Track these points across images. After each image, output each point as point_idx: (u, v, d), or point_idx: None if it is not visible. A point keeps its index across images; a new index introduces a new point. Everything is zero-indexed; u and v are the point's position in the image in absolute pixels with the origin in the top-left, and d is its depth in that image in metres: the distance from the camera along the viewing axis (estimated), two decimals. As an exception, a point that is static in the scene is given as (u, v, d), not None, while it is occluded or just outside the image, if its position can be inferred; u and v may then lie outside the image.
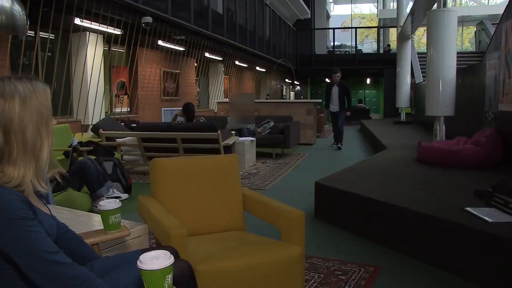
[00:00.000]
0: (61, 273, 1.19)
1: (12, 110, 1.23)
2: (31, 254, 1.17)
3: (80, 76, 7.68)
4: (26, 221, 1.19)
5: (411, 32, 13.65)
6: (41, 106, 1.28)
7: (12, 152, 1.24)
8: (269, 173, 6.78)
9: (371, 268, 2.96)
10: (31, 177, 1.26)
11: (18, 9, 2.78)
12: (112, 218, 1.81)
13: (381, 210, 3.51)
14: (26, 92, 1.26)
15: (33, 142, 1.26)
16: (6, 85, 1.25)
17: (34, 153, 1.27)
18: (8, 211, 1.17)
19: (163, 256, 1.23)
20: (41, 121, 1.28)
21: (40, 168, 1.29)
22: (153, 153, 6.10)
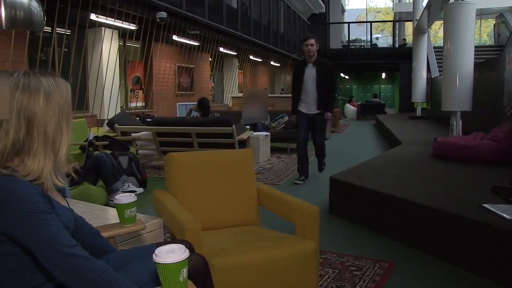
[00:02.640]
0: (78, 266, 1.21)
1: (36, 104, 1.26)
2: (48, 247, 1.19)
3: (96, 71, 7.74)
4: (44, 215, 1.21)
5: (427, 26, 13.48)
6: (63, 102, 1.31)
7: (33, 145, 1.26)
8: (283, 168, 6.77)
9: (386, 264, 2.94)
10: (49, 171, 1.28)
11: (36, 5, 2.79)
12: (128, 212, 1.82)
13: (396, 206, 3.48)
14: (50, 88, 1.28)
15: (53, 136, 1.28)
16: (32, 80, 1.27)
17: (54, 148, 1.29)
18: (26, 205, 1.19)
19: (178, 250, 1.24)
20: (62, 116, 1.30)
21: (58, 163, 1.31)
22: (168, 147, 6.13)
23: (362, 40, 27.37)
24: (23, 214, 1.18)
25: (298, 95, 5.43)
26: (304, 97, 5.39)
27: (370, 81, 26.63)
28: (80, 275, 1.21)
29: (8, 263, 1.23)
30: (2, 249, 1.21)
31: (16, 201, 1.18)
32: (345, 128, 14.51)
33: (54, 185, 1.35)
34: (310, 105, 5.38)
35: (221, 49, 12.13)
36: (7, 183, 1.21)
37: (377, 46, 24.49)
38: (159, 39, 9.06)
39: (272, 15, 14.99)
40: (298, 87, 5.42)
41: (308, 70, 5.37)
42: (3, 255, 1.22)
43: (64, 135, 1.31)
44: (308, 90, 5.35)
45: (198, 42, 10.66)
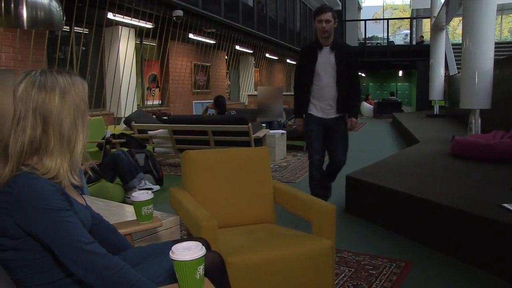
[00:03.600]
0: (95, 262, 1.22)
1: (52, 103, 1.27)
2: (66, 244, 1.20)
3: (113, 69, 7.81)
4: (62, 212, 1.22)
5: (445, 22, 13.31)
6: (79, 100, 1.32)
7: (49, 143, 1.27)
8: (299, 166, 6.76)
9: (402, 264, 2.92)
10: (66, 170, 1.29)
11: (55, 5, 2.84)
12: (145, 209, 1.83)
13: (413, 205, 3.45)
14: (66, 86, 1.29)
15: (69, 135, 1.29)
16: (48, 78, 1.28)
17: (69, 146, 1.30)
18: (45, 202, 1.20)
19: (195, 247, 1.25)
20: (77, 114, 1.31)
21: (74, 161, 1.32)
22: (184, 145, 6.16)
23: (378, 37, 27.15)
24: (42, 211, 1.20)
25: (307, 92, 3.90)
26: (317, 94, 3.88)
27: (387, 79, 26.40)
28: (97, 271, 1.22)
29: (27, 258, 1.25)
30: (21, 245, 1.23)
31: (35, 198, 1.20)
32: (361, 127, 14.41)
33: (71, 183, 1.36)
34: (326, 106, 3.88)
35: (237, 47, 12.14)
36: (27, 180, 1.22)
37: (394, 44, 24.27)
38: (175, 38, 9.11)
39: (288, 12, 14.95)
40: (307, 79, 3.85)
41: (323, 56, 3.81)
42: (23, 250, 1.24)
43: (80, 133, 1.32)
44: (323, 85, 3.83)
45: (214, 40, 10.68)
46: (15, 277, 1.28)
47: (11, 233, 1.22)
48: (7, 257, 1.25)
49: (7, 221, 1.21)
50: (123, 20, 7.50)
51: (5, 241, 1.23)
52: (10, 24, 2.86)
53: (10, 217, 1.20)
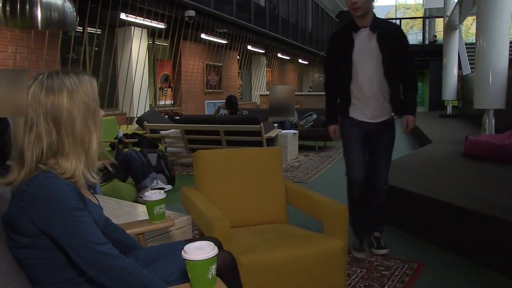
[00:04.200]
0: (108, 263, 1.23)
1: (61, 104, 1.27)
2: (79, 244, 1.21)
3: (126, 69, 7.85)
4: (77, 212, 1.23)
5: (459, 22, 13.19)
6: (87, 98, 1.32)
7: (64, 145, 1.28)
8: (311, 166, 6.74)
9: (415, 265, 2.90)
10: (82, 169, 1.31)
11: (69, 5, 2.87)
12: (157, 208, 1.84)
13: (426, 205, 3.42)
14: (73, 86, 1.29)
15: (81, 134, 1.30)
16: (54, 80, 1.29)
17: (83, 145, 1.31)
18: (61, 201, 1.22)
19: (207, 247, 1.25)
20: (88, 113, 1.31)
21: (90, 160, 1.33)
22: (196, 145, 6.17)
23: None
24: (57, 210, 1.21)
25: (343, 90, 2.96)
26: (357, 92, 2.92)
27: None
28: (109, 272, 1.23)
29: (42, 256, 1.26)
30: (36, 243, 1.24)
31: (51, 197, 1.22)
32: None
33: (86, 182, 1.37)
34: (370, 106, 2.92)
35: (249, 47, 12.15)
36: (44, 179, 1.24)
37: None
38: (187, 38, 9.14)
39: (300, 12, 14.93)
40: (344, 73, 2.91)
41: (360, 41, 2.87)
42: (38, 248, 1.25)
43: (93, 131, 1.32)
44: (364, 79, 2.88)
45: (226, 40, 10.70)
46: (31, 274, 1.29)
47: (26, 231, 1.23)
48: (23, 254, 1.27)
49: (23, 219, 1.22)
50: (136, 20, 7.55)
51: (21, 239, 1.25)
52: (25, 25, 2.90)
53: (26, 215, 1.22)
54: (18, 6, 2.77)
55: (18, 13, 2.78)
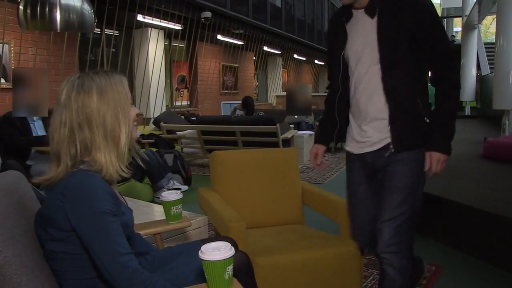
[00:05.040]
0: (125, 276, 1.24)
1: (91, 102, 1.32)
2: (103, 249, 1.23)
3: (142, 70, 7.92)
4: (109, 216, 1.25)
5: (477, 21, 13.02)
6: (117, 95, 1.36)
7: (95, 140, 1.32)
8: (327, 167, 6.72)
9: (433, 267, 2.87)
10: (114, 162, 1.34)
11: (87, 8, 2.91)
12: (174, 209, 1.85)
13: (443, 207, 3.39)
14: (103, 84, 1.34)
15: (112, 129, 1.34)
16: (85, 80, 1.34)
17: (114, 140, 1.34)
18: (96, 202, 1.24)
19: (224, 247, 1.25)
20: (118, 109, 1.35)
21: (120, 154, 1.36)
22: (212, 146, 6.19)
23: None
24: (91, 210, 1.23)
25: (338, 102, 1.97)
26: (353, 106, 1.92)
27: (417, 79, 25.93)
28: (126, 284, 1.24)
29: (75, 252, 1.29)
30: (71, 239, 1.27)
31: (88, 196, 1.24)
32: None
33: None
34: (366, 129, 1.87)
35: (265, 48, 12.15)
36: (83, 178, 1.27)
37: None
38: (203, 39, 9.18)
39: (316, 13, 14.89)
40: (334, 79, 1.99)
41: (354, 31, 1.85)
42: (72, 244, 1.27)
43: (122, 126, 1.35)
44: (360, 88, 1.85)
45: (242, 41, 10.72)
46: (59, 268, 1.31)
47: (61, 225, 1.26)
48: (55, 247, 1.29)
49: (59, 213, 1.25)
50: (153, 22, 7.60)
51: (55, 233, 1.27)
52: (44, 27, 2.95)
53: (63, 210, 1.24)
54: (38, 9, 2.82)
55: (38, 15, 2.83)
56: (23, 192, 1.43)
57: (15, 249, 1.22)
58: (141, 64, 7.98)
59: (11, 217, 1.27)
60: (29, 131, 3.95)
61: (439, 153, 1.74)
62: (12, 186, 1.40)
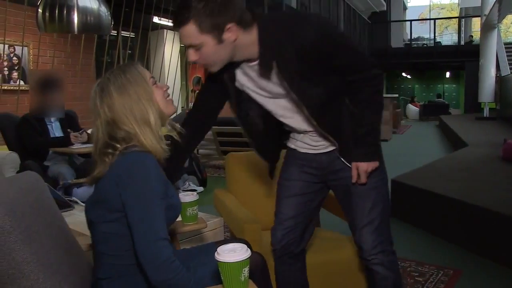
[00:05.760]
0: (159, 261, 1.26)
1: (114, 101, 1.39)
2: (143, 228, 1.27)
3: (158, 72, 7.96)
4: (157, 199, 1.31)
5: (497, 20, 12.85)
6: (135, 85, 1.42)
7: (132, 129, 1.39)
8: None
9: (451, 272, 2.83)
10: (154, 143, 1.41)
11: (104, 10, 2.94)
12: (190, 210, 1.86)
13: (462, 210, 3.34)
14: (118, 81, 1.41)
15: (141, 114, 1.41)
16: (103, 84, 1.42)
17: (146, 122, 1.41)
18: (149, 181, 1.31)
19: (240, 249, 1.25)
20: (139, 96, 1.41)
21: (156, 132, 1.43)
22: (228, 147, 6.20)
23: (425, 38, 26.50)
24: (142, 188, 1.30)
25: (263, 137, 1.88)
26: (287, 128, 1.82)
27: (433, 80, 25.72)
28: (158, 270, 1.26)
29: (124, 233, 1.33)
30: (122, 220, 1.32)
31: (142, 174, 1.31)
32: (406, 129, 14.11)
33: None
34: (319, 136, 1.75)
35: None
36: (138, 156, 1.35)
37: (441, 44, 23.63)
38: (219, 40, 9.20)
39: (332, 14, 14.83)
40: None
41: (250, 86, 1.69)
42: (123, 225, 1.32)
43: (149, 108, 1.42)
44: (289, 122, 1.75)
45: (257, 43, 10.73)
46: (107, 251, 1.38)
47: (114, 206, 1.32)
48: (107, 229, 1.36)
49: (113, 193, 1.31)
50: (168, 23, 7.64)
51: (108, 214, 1.34)
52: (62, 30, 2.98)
53: (117, 188, 1.30)
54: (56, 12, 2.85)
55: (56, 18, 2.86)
56: (40, 192, 1.45)
57: (33, 247, 1.24)
58: (157, 65, 8.01)
59: (28, 216, 1.29)
60: (47, 133, 3.99)
61: (365, 162, 1.65)
62: (29, 186, 1.42)
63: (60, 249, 1.37)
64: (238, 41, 1.48)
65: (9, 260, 1.19)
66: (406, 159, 7.57)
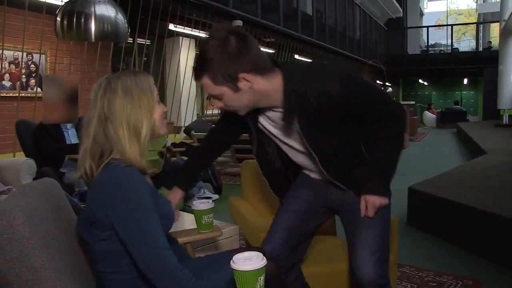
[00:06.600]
0: (166, 270, 1.25)
1: (116, 98, 1.37)
2: (144, 244, 1.25)
3: (174, 79, 8.01)
4: (149, 211, 1.28)
5: (516, 26, 12.69)
6: (141, 92, 1.40)
7: (120, 133, 1.36)
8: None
9: (470, 282, 2.77)
10: (136, 154, 1.37)
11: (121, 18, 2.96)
12: (205, 218, 1.85)
13: (481, 219, 3.28)
14: (128, 83, 1.39)
15: (135, 124, 1.38)
16: (111, 80, 1.40)
17: (136, 133, 1.38)
18: (136, 195, 1.28)
19: (256, 257, 1.23)
20: (140, 105, 1.39)
21: (142, 147, 1.39)
22: (243, 155, 6.18)
23: (442, 44, 26.30)
24: (131, 205, 1.26)
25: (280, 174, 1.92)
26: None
27: (451, 87, 25.47)
28: (167, 279, 1.25)
29: (120, 249, 1.31)
30: (114, 237, 1.29)
31: (130, 194, 1.28)
32: (423, 137, 13.98)
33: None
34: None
35: (296, 56, 12.12)
36: (124, 173, 1.31)
37: (458, 50, 23.42)
38: (234, 47, 9.21)
39: (347, 21, 14.79)
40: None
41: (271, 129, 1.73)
42: (117, 242, 1.30)
43: (144, 121, 1.39)
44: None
45: (273, 50, 10.72)
46: (106, 269, 1.34)
47: (103, 224, 1.29)
48: (102, 248, 1.32)
49: (100, 212, 1.28)
50: (184, 30, 7.68)
51: (100, 232, 1.31)
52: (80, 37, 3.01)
53: (103, 208, 1.27)
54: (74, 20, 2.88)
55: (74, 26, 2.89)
56: (57, 198, 1.46)
57: (50, 253, 1.24)
58: (173, 72, 8.07)
59: (46, 223, 1.30)
60: (63, 139, 4.02)
61: (376, 196, 1.65)
62: (47, 192, 1.43)
63: (76, 256, 1.37)
64: (258, 88, 1.52)
65: (28, 265, 1.20)
66: (423, 166, 7.49)
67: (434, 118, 19.45)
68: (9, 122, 5.03)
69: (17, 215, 1.21)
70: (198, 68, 1.51)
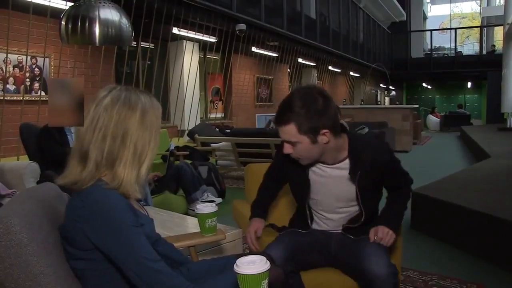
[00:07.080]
0: (160, 281, 1.23)
1: (133, 118, 1.32)
2: (133, 261, 1.22)
3: (177, 82, 8.02)
4: (132, 228, 1.24)
5: (520, 30, 12.65)
6: (155, 120, 1.37)
7: (123, 154, 1.31)
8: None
9: (474, 286, 2.76)
10: (133, 181, 1.32)
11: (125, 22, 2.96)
12: (209, 221, 1.84)
13: (485, 223, 3.26)
14: (147, 105, 1.35)
15: (142, 150, 1.33)
16: (132, 95, 1.34)
17: (140, 160, 1.34)
18: (117, 217, 1.23)
19: (259, 261, 1.23)
20: (151, 133, 1.36)
21: (140, 175, 1.35)
22: (247, 158, 6.19)
23: (445, 48, 26.28)
24: (113, 225, 1.22)
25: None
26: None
27: (454, 90, 25.44)
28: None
29: (99, 268, 1.28)
30: (92, 256, 1.26)
31: (108, 213, 1.23)
32: (427, 140, 13.94)
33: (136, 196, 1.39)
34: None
35: (299, 60, 12.13)
36: (101, 193, 1.26)
37: (462, 54, 23.37)
38: (238, 51, 9.24)
39: (351, 24, 14.80)
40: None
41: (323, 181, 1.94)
42: (94, 261, 1.27)
43: (150, 150, 1.36)
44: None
45: (277, 53, 10.74)
46: (87, 286, 1.31)
47: (81, 245, 1.26)
48: (78, 266, 1.29)
49: (78, 233, 1.25)
50: (188, 34, 7.70)
51: (76, 251, 1.28)
52: (84, 42, 3.01)
53: (81, 230, 1.24)
54: (78, 24, 2.88)
55: (79, 30, 2.89)
56: (57, 203, 1.44)
57: (49, 259, 1.24)
58: (176, 76, 8.07)
59: (45, 228, 1.29)
60: (67, 143, 4.03)
61: (388, 227, 1.88)
62: (47, 197, 1.42)
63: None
64: (329, 144, 1.76)
65: (26, 272, 1.20)
66: (427, 170, 7.46)
67: (438, 122, 19.41)
68: (13, 125, 5.04)
69: (14, 221, 1.20)
70: (288, 114, 1.69)
